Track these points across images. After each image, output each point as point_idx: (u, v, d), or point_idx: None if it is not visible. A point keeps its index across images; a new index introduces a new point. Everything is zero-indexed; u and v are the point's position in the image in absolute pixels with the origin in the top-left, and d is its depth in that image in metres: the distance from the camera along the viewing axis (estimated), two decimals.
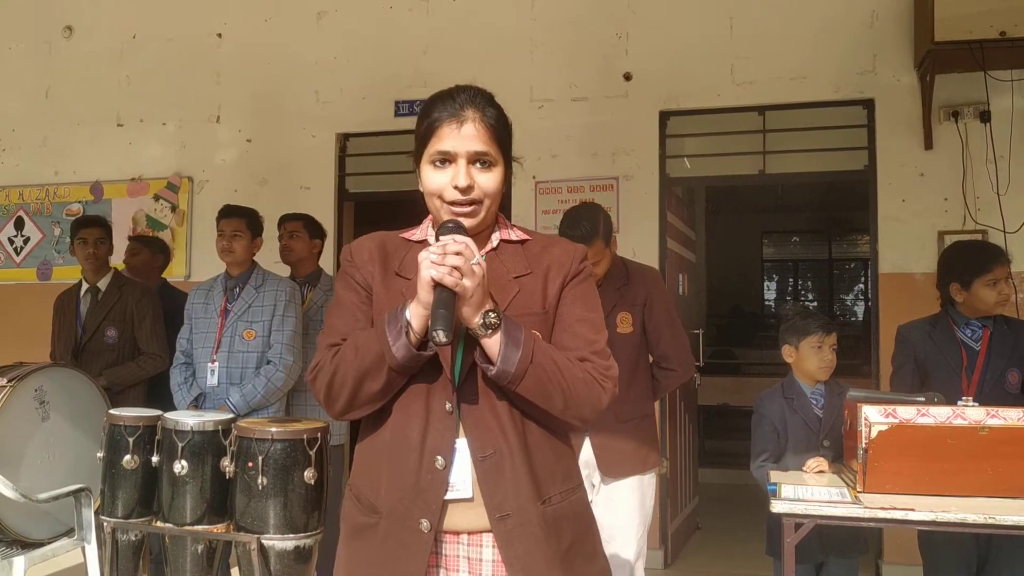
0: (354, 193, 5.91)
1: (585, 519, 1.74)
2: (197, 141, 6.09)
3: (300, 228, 4.37)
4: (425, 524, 1.62)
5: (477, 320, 1.57)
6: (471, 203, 1.67)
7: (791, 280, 13.83)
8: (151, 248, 5.11)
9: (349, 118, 5.80)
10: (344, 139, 5.90)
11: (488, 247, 1.75)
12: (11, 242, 6.41)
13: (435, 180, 1.69)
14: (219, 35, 6.08)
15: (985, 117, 4.72)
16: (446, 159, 1.68)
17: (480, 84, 1.78)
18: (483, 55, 5.39)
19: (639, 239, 5.05)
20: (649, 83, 5.28)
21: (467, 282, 1.53)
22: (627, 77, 5.32)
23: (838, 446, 3.09)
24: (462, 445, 1.65)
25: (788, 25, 5.09)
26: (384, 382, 1.63)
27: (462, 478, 1.64)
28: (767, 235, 13.18)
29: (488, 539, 1.65)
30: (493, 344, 1.58)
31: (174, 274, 5.76)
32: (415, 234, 1.80)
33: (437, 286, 1.53)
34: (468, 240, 1.58)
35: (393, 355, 1.59)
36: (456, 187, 1.65)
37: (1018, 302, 4.46)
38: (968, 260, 3.23)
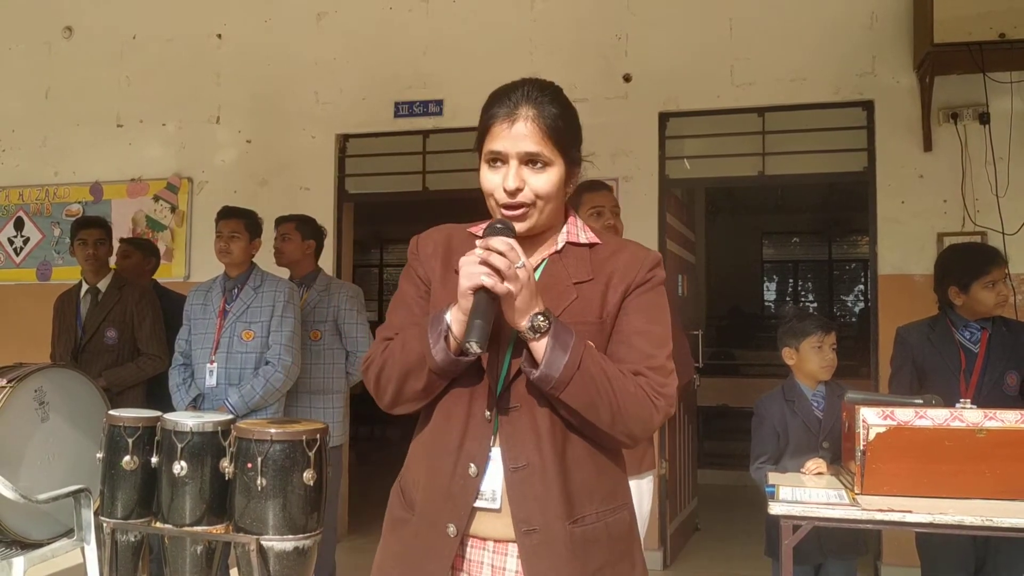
0: (354, 194, 5.91)
1: (623, 544, 1.65)
2: (197, 142, 6.09)
3: (292, 230, 4.31)
4: (452, 529, 1.59)
5: (524, 323, 1.53)
6: (521, 206, 1.61)
7: (791, 281, 13.84)
8: (143, 251, 5.08)
9: (349, 119, 5.81)
10: (344, 140, 5.90)
11: (552, 249, 1.69)
12: (11, 242, 6.42)
13: (489, 181, 1.64)
14: (219, 36, 6.08)
15: (984, 119, 4.73)
16: (498, 159, 1.63)
17: (479, 84, 1.74)
18: (483, 56, 5.40)
19: (638, 240, 4.96)
20: (649, 84, 5.29)
21: (509, 285, 1.49)
22: (627, 78, 5.33)
23: (837, 448, 3.09)
24: (497, 454, 1.60)
25: (788, 27, 5.10)
26: (425, 382, 1.61)
27: (492, 488, 1.60)
28: (767, 236, 13.18)
29: (514, 549, 1.60)
30: (540, 348, 1.53)
31: (173, 275, 5.78)
32: (480, 228, 1.74)
33: (476, 292, 1.49)
34: (512, 242, 1.54)
35: (433, 358, 1.56)
36: (505, 189, 1.61)
37: (1016, 303, 4.47)
38: (965, 263, 3.23)
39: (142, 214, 6.12)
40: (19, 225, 6.41)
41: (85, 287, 4.44)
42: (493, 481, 1.60)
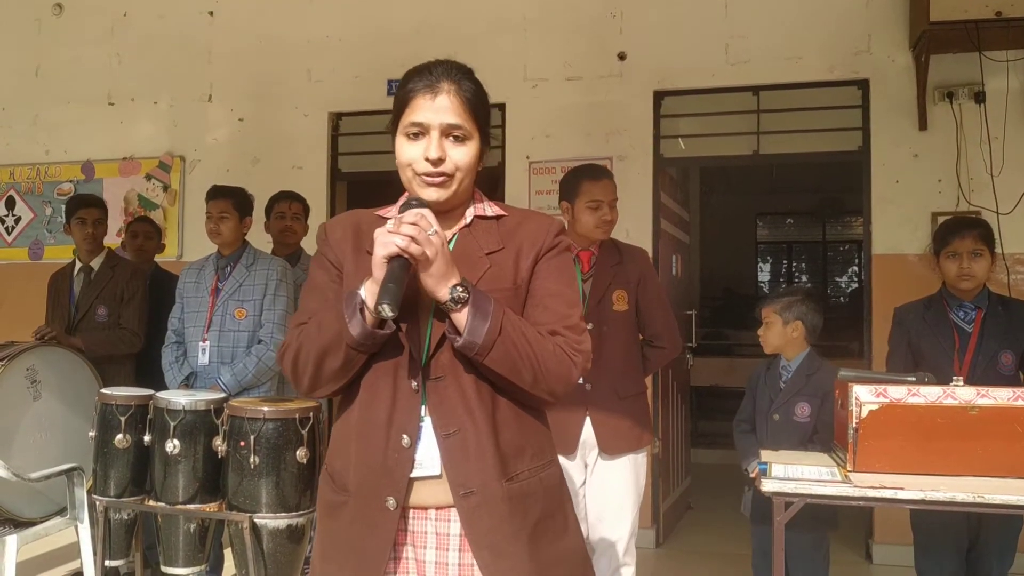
0: (347, 172, 5.88)
1: (556, 496, 1.73)
2: (189, 120, 6.05)
3: (301, 211, 4.40)
4: (391, 502, 1.63)
5: (445, 295, 1.57)
6: (442, 175, 1.66)
7: (785, 262, 13.84)
8: (159, 231, 5.15)
9: (342, 97, 5.77)
10: (337, 118, 5.86)
11: (462, 223, 1.74)
12: (2, 221, 6.38)
13: (407, 152, 1.68)
14: (211, 13, 6.03)
15: (980, 98, 4.71)
16: (419, 131, 1.66)
17: (474, 63, 1.76)
18: (477, 34, 5.35)
19: (633, 220, 5.04)
20: (643, 63, 5.26)
21: (424, 249, 1.53)
22: (621, 57, 5.30)
23: (791, 425, 3.19)
24: (428, 423, 1.65)
25: (783, 5, 5.07)
26: (343, 359, 1.63)
27: (429, 456, 1.64)
28: (761, 217, 13.17)
29: (456, 514, 1.65)
30: (461, 317, 1.58)
31: (166, 254, 5.75)
32: (390, 211, 1.79)
33: (389, 261, 1.53)
34: (425, 211, 1.59)
35: (349, 333, 1.59)
36: (427, 159, 1.64)
37: (1010, 282, 4.48)
38: (938, 233, 3.25)
39: (134, 193, 6.08)
40: (10, 204, 6.37)
41: (78, 266, 4.42)
42: (428, 449, 1.65)
